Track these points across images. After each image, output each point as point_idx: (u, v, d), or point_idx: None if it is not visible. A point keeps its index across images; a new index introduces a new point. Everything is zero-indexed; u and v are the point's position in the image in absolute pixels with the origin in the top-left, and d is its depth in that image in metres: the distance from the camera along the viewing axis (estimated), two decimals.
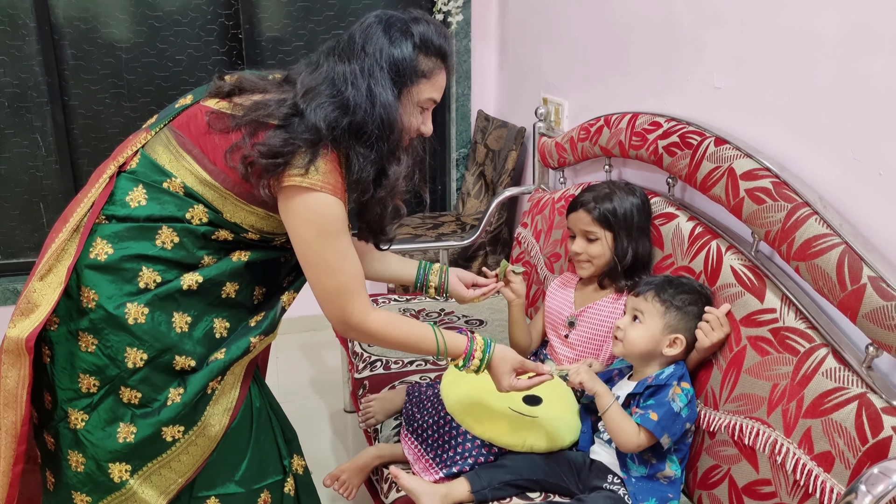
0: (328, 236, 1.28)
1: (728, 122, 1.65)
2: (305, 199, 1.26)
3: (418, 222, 3.04)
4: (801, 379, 1.28)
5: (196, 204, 1.32)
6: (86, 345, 1.29)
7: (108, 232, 1.30)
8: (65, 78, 2.91)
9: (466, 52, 3.14)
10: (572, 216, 1.77)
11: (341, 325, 1.36)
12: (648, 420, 1.39)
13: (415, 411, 1.67)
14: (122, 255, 1.29)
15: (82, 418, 1.31)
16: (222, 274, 1.36)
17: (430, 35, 1.35)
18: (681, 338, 1.47)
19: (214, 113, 1.32)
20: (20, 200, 3.00)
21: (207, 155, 1.31)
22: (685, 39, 1.79)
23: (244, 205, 1.32)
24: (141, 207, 1.31)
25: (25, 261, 3.06)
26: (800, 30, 1.43)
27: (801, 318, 1.34)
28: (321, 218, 1.27)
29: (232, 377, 1.39)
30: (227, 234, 1.35)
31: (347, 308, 1.33)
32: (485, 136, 3.06)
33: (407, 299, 2.43)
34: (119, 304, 1.28)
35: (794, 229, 1.34)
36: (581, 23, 2.32)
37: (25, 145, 2.94)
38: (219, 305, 1.38)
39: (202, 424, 1.36)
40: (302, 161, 1.24)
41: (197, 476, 1.38)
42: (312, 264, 1.31)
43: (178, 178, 1.31)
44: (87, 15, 2.86)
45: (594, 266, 1.74)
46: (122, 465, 1.32)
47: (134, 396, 1.32)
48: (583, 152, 2.17)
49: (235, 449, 1.42)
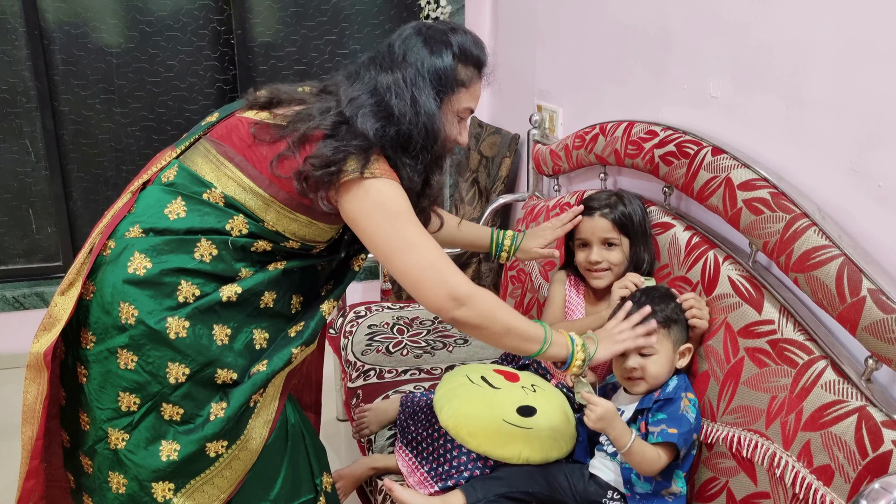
0: (399, 215, 1.26)
1: (725, 131, 1.64)
2: (365, 189, 1.25)
3: None
4: (799, 391, 1.27)
5: (236, 214, 1.31)
6: (125, 362, 1.27)
7: (147, 246, 1.28)
8: (54, 83, 2.88)
9: None
10: (587, 225, 1.72)
11: (449, 301, 1.26)
12: (670, 435, 1.36)
13: (409, 423, 1.65)
14: (161, 269, 1.28)
15: (123, 437, 1.29)
16: (260, 284, 1.35)
17: (469, 45, 1.38)
18: (688, 346, 1.47)
19: (258, 124, 1.32)
20: (9, 206, 2.97)
21: (253, 163, 1.31)
22: (680, 48, 1.78)
23: (288, 212, 1.32)
24: (180, 220, 1.30)
25: (14, 267, 3.03)
26: (796, 39, 1.43)
27: (799, 330, 1.33)
28: (386, 200, 1.26)
29: (273, 389, 1.38)
30: (265, 244, 1.34)
31: (451, 280, 1.26)
32: (478, 142, 3.05)
33: (400, 307, 2.42)
34: (160, 319, 1.26)
35: (793, 240, 1.33)
36: (575, 30, 2.31)
37: (15, 151, 2.91)
38: (258, 316, 1.37)
39: (245, 438, 1.35)
40: (355, 164, 1.24)
41: (235, 495, 1.36)
42: (395, 248, 1.27)
43: (219, 188, 1.31)
44: (78, 19, 2.84)
45: (613, 274, 1.70)
46: (166, 483, 1.30)
47: (176, 413, 1.30)
48: (578, 160, 2.16)
49: (270, 466, 1.41)
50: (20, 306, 2.92)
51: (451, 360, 2.08)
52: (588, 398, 1.36)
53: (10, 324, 2.87)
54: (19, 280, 3.02)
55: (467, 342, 2.18)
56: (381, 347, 2.14)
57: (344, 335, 2.27)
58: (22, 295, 2.94)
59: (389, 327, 2.26)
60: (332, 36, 3.03)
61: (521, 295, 2.34)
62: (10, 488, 2.20)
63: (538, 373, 1.78)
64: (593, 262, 1.71)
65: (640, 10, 1.94)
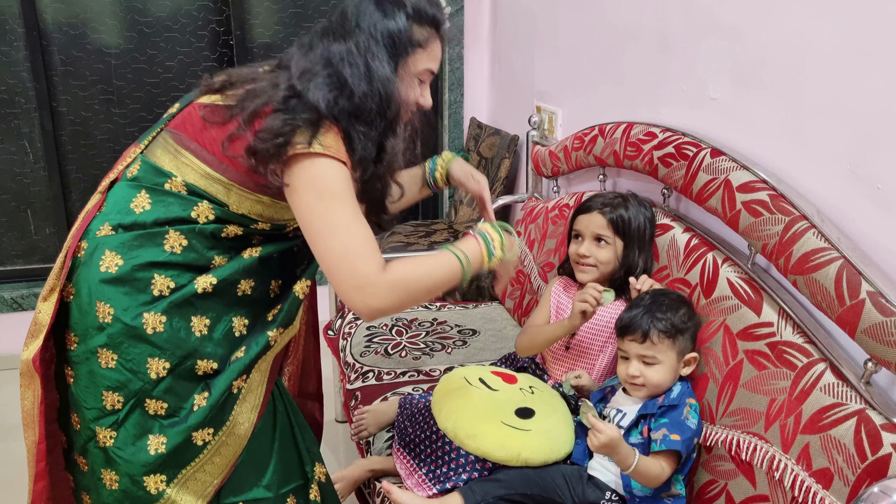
0: (332, 198, 1.23)
1: (724, 133, 1.64)
2: (307, 166, 1.23)
3: (410, 230, 3.02)
4: (798, 394, 1.27)
5: (200, 201, 1.30)
6: (105, 361, 1.28)
7: (117, 243, 1.29)
8: (53, 84, 2.88)
9: (459, 59, 3.13)
10: (583, 218, 1.74)
11: (357, 292, 1.23)
12: (672, 442, 1.35)
13: (407, 425, 1.65)
14: (132, 265, 1.28)
15: (111, 435, 1.30)
16: (236, 273, 1.34)
17: (423, 4, 1.33)
18: (694, 356, 1.46)
19: (208, 107, 1.31)
20: (7, 207, 2.97)
21: (206, 147, 1.29)
22: (679, 49, 1.78)
23: (249, 194, 1.30)
24: (146, 212, 1.29)
25: (12, 268, 3.02)
26: (795, 41, 1.42)
27: (798, 333, 1.33)
28: (323, 180, 1.23)
29: (258, 374, 1.38)
30: (235, 229, 1.33)
31: (361, 270, 1.22)
32: (477, 143, 3.05)
33: None
34: (136, 315, 1.27)
35: (792, 243, 1.33)
36: (574, 31, 2.31)
37: (13, 152, 2.91)
38: (236, 304, 1.36)
39: (231, 424, 1.35)
40: (304, 137, 1.22)
41: (224, 482, 1.37)
42: (317, 232, 1.24)
43: (179, 176, 1.30)
44: (76, 20, 2.84)
45: (598, 272, 1.71)
46: (157, 476, 1.31)
47: (160, 407, 1.30)
48: (577, 161, 2.16)
49: (261, 452, 1.41)
50: (18, 307, 2.92)
51: (450, 361, 2.07)
52: (594, 423, 1.34)
53: (9, 325, 2.87)
54: (18, 281, 3.02)
55: (466, 344, 2.18)
56: (380, 349, 2.13)
57: (343, 337, 2.27)
58: (20, 296, 2.94)
59: (388, 329, 2.26)
60: None
61: (519, 296, 2.34)
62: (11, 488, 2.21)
63: (535, 374, 1.78)
64: (581, 255, 1.72)
65: (639, 12, 1.93)
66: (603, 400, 1.56)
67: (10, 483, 2.27)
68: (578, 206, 1.78)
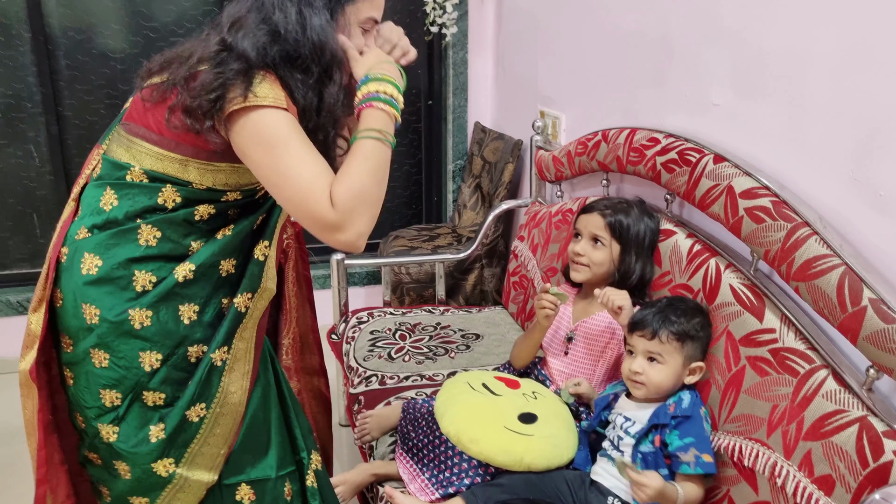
0: (276, 146, 1.21)
1: (726, 139, 1.64)
2: (246, 122, 1.21)
3: (414, 234, 3.03)
4: (801, 400, 1.27)
5: (163, 186, 1.30)
6: (99, 361, 1.30)
7: (94, 244, 1.30)
8: (59, 88, 2.89)
9: (463, 64, 3.14)
10: (584, 217, 1.75)
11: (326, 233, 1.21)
12: (707, 465, 1.35)
13: (409, 430, 1.65)
14: (111, 265, 1.29)
15: (113, 431, 1.32)
16: (213, 255, 1.34)
17: None
18: (700, 365, 1.45)
19: (147, 88, 1.30)
20: (13, 211, 2.98)
21: (153, 129, 1.28)
22: (682, 55, 1.79)
23: (206, 164, 1.29)
24: (115, 208, 1.30)
25: (18, 272, 3.03)
26: (797, 47, 1.43)
27: (800, 339, 1.33)
28: (265, 131, 1.21)
29: (242, 343, 1.39)
30: (207, 208, 1.33)
31: (316, 212, 1.20)
32: (481, 147, 3.06)
33: (403, 312, 2.42)
34: (121, 312, 1.28)
35: (794, 249, 1.33)
36: (577, 36, 2.31)
37: (19, 156, 2.92)
38: (223, 286, 1.37)
39: (222, 394, 1.36)
40: (237, 91, 1.20)
41: (225, 465, 1.39)
42: (273, 183, 1.23)
43: (136, 165, 1.29)
44: (82, 25, 2.85)
45: (591, 272, 1.72)
46: (165, 460, 1.34)
47: (158, 398, 1.33)
48: (580, 167, 2.16)
49: (262, 432, 1.43)
50: (24, 311, 2.93)
51: (454, 366, 2.08)
52: (635, 478, 1.32)
53: (14, 328, 2.88)
54: (23, 284, 3.03)
55: (469, 348, 2.18)
56: (383, 353, 2.14)
57: (346, 341, 2.28)
58: (26, 299, 2.95)
59: (391, 333, 2.26)
60: None
61: (523, 301, 2.34)
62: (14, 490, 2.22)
63: (537, 380, 1.78)
64: (576, 253, 1.74)
65: (642, 18, 1.94)
66: (608, 408, 1.56)
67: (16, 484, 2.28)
68: (586, 205, 1.79)
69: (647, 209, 1.77)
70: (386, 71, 1.28)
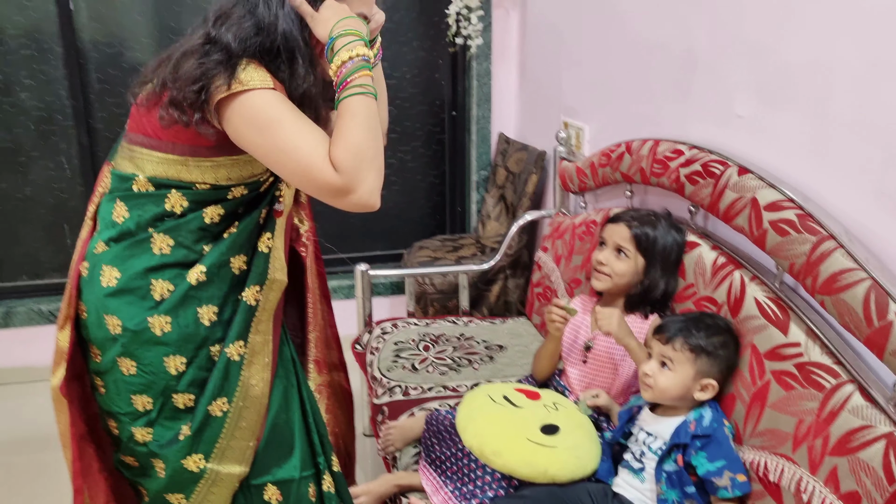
0: (270, 125, 1.22)
1: (751, 151, 1.63)
2: (235, 107, 1.22)
3: (438, 245, 3.04)
4: (827, 416, 1.26)
5: (168, 191, 1.32)
6: (126, 369, 1.34)
7: (111, 257, 1.33)
8: (90, 101, 2.95)
9: (487, 75, 3.15)
10: (610, 227, 1.75)
11: (335, 198, 1.22)
12: (743, 485, 1.35)
13: (433, 441, 1.66)
14: (129, 276, 1.32)
15: (148, 432, 1.37)
16: (222, 254, 1.37)
17: None
18: (712, 383, 1.43)
19: (142, 95, 1.32)
20: (45, 221, 3.04)
21: (149, 134, 1.30)
22: (706, 67, 1.78)
23: (206, 161, 1.31)
24: (127, 220, 1.33)
25: (50, 282, 3.09)
26: (821, 59, 1.42)
27: (826, 353, 1.32)
28: (255, 113, 1.22)
29: (259, 336, 1.42)
30: (215, 209, 1.35)
31: (321, 181, 1.20)
32: (505, 158, 3.06)
33: (426, 323, 2.42)
34: (141, 321, 1.32)
35: (819, 262, 1.32)
36: (601, 48, 2.31)
37: (51, 168, 2.98)
38: (239, 284, 1.40)
39: (243, 388, 1.40)
40: (221, 80, 1.21)
41: (253, 465, 1.43)
42: (273, 162, 1.24)
43: (140, 174, 1.32)
44: (112, 39, 2.91)
45: (612, 282, 1.72)
46: (196, 456, 1.38)
47: (188, 399, 1.37)
48: (603, 178, 2.16)
49: (286, 433, 1.47)
50: (54, 319, 2.98)
51: (477, 377, 2.08)
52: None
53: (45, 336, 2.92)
54: (54, 294, 3.08)
55: (493, 359, 2.18)
56: (407, 364, 2.15)
57: (370, 351, 2.29)
58: (56, 308, 3.00)
59: (415, 344, 2.27)
60: None
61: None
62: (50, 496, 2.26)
63: (557, 390, 1.78)
64: (599, 262, 1.74)
65: (665, 30, 1.94)
66: (631, 420, 1.56)
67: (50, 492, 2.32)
68: (614, 215, 1.78)
69: (674, 222, 1.76)
70: (347, 26, 1.25)
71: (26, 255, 3.06)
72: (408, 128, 3.26)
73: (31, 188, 2.98)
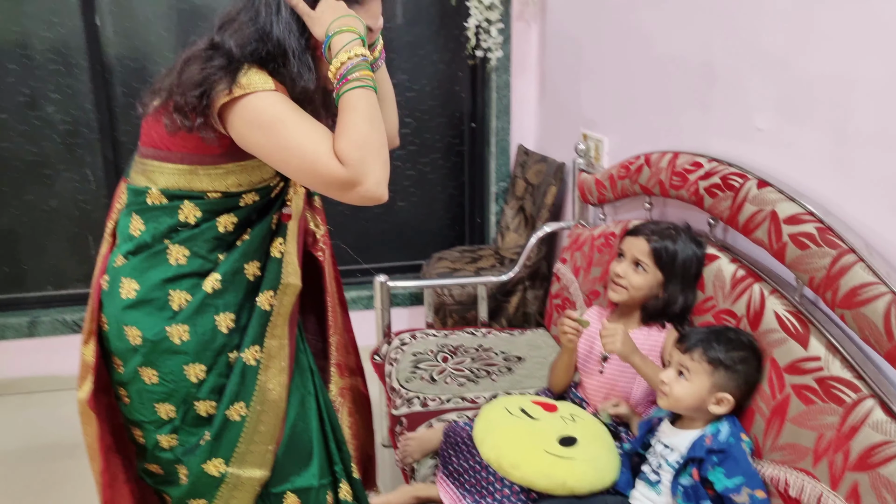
0: (273, 125, 1.23)
1: (770, 164, 1.63)
2: (238, 111, 1.23)
3: (457, 256, 3.05)
4: (847, 430, 1.25)
5: (181, 203, 1.34)
6: (148, 378, 1.36)
7: (130, 269, 1.36)
8: (115, 115, 2.99)
9: (506, 87, 3.16)
10: (630, 239, 1.74)
11: (344, 192, 1.23)
12: (762, 501, 1.34)
13: (451, 454, 1.66)
14: (147, 287, 1.35)
15: (173, 438, 1.40)
16: (236, 261, 1.39)
17: None
18: (728, 398, 1.42)
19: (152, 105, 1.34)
20: (70, 233, 3.08)
21: (159, 146, 1.33)
22: (725, 80, 1.78)
23: (215, 168, 1.33)
24: (144, 233, 1.36)
25: (74, 292, 3.13)
26: (842, 72, 1.41)
27: (847, 367, 1.31)
28: (258, 115, 1.23)
29: (275, 341, 1.44)
30: (229, 218, 1.37)
31: (328, 175, 1.21)
32: (524, 170, 3.07)
33: (445, 334, 2.43)
34: (160, 331, 1.34)
35: (839, 276, 1.31)
36: (620, 60, 2.32)
37: (76, 180, 3.02)
38: (254, 290, 1.42)
39: (260, 392, 1.42)
40: (223, 85, 1.23)
41: (272, 473, 1.45)
42: (279, 160, 1.26)
43: (153, 186, 1.34)
44: (137, 54, 2.95)
45: (629, 295, 1.71)
46: (216, 460, 1.41)
47: (210, 406, 1.40)
48: (622, 190, 2.16)
49: (304, 441, 1.48)
50: (79, 329, 3.03)
51: (495, 388, 2.08)
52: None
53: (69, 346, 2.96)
54: (78, 304, 3.12)
55: (511, 371, 2.19)
56: (425, 375, 2.15)
57: (389, 362, 2.30)
58: (80, 318, 3.04)
59: (434, 355, 2.28)
60: None
61: None
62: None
63: (574, 402, 1.78)
64: (616, 274, 1.73)
65: (684, 43, 1.94)
66: (651, 431, 1.55)
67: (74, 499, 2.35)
68: (633, 227, 1.78)
69: (694, 235, 1.75)
70: (344, 24, 1.26)
71: (51, 265, 3.11)
72: (427, 140, 3.28)
73: (56, 200, 3.03)
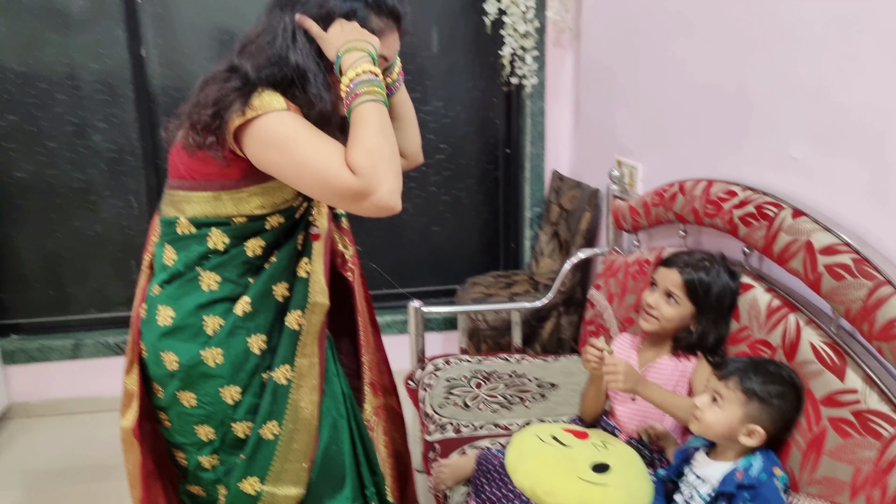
0: (286, 143, 1.26)
1: (805, 193, 1.62)
2: (251, 133, 1.26)
3: (491, 281, 3.06)
4: (885, 465, 1.23)
5: (208, 230, 1.38)
6: (187, 401, 1.40)
7: (165, 297, 1.40)
8: (158, 142, 3.07)
9: (541, 114, 3.18)
10: (663, 270, 1.74)
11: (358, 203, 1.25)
12: None
13: (483, 482, 1.66)
14: (183, 314, 1.39)
15: (215, 458, 1.44)
16: (264, 283, 1.42)
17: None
18: (759, 430, 1.40)
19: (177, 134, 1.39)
20: (113, 257, 3.16)
21: (183, 176, 1.37)
22: (760, 108, 1.78)
23: (236, 192, 1.36)
24: (176, 262, 1.40)
25: (117, 315, 3.20)
26: (877, 101, 1.41)
27: (885, 401, 1.29)
28: (271, 135, 1.26)
29: (305, 360, 1.46)
30: (257, 242, 1.40)
31: (342, 187, 1.23)
32: (559, 195, 3.08)
33: (479, 360, 2.44)
34: (194, 356, 1.38)
35: (876, 308, 1.30)
36: (655, 88, 2.33)
37: (120, 206, 3.11)
38: (283, 310, 1.45)
39: (292, 410, 1.44)
40: (237, 106, 1.26)
41: (306, 496, 1.47)
42: (295, 177, 1.28)
43: (181, 216, 1.38)
44: (180, 83, 3.03)
45: (660, 325, 1.71)
46: (251, 478, 1.43)
47: (248, 427, 1.43)
48: (656, 217, 2.16)
49: (337, 465, 1.50)
50: (121, 352, 3.09)
51: (528, 415, 2.08)
52: None
53: (112, 368, 3.04)
54: (121, 327, 3.19)
55: (545, 397, 2.18)
56: (459, 401, 2.16)
57: (423, 388, 2.31)
58: (122, 341, 3.11)
59: (467, 380, 2.29)
60: (416, 94, 3.13)
61: None
62: None
63: (606, 430, 1.77)
64: (648, 304, 1.72)
65: (719, 71, 1.94)
66: (686, 461, 1.54)
67: None
68: (667, 257, 1.78)
69: (729, 266, 1.74)
70: (354, 44, 1.29)
71: (95, 289, 3.19)
72: (462, 165, 3.31)
73: (101, 226, 3.11)
